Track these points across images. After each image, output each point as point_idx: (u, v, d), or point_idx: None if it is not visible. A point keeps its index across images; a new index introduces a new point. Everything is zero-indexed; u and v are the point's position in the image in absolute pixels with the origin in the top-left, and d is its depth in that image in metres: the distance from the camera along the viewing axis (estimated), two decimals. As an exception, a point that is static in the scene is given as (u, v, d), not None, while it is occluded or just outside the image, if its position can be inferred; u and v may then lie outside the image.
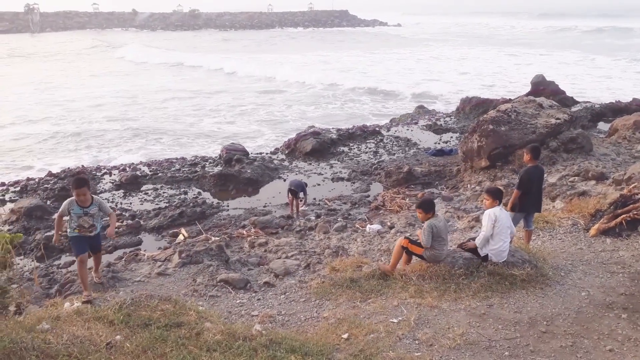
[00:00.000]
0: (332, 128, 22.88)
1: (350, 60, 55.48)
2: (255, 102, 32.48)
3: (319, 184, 16.44)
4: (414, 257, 7.39)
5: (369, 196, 15.19)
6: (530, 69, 43.39)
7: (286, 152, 20.17)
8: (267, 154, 20.17)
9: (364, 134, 22.16)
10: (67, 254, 12.01)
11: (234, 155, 18.07)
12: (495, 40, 78.09)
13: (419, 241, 7.14)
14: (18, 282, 8.05)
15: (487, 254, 7.04)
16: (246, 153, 18.75)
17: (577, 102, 26.09)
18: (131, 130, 24.98)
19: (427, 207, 7.13)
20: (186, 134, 24.54)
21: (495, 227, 6.93)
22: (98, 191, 16.00)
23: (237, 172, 16.67)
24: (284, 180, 17.10)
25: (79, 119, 27.69)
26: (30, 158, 20.73)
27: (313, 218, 13.22)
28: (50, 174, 17.32)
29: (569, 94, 26.80)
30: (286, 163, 18.88)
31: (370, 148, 20.46)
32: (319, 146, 19.72)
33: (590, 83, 37.40)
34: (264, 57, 58.51)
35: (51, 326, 5.23)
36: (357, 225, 12.21)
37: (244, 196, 15.84)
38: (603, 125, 22.39)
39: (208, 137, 24.26)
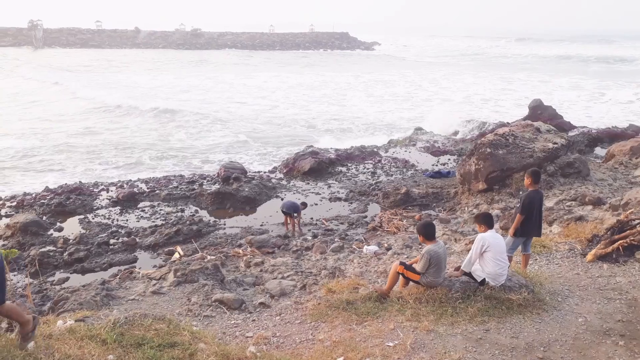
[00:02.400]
0: (331, 148, 22.96)
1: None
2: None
3: (316, 204, 16.43)
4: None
5: (366, 217, 15.18)
6: (517, 94, 44.04)
7: (284, 171, 20.20)
8: (265, 172, 20.20)
9: (362, 154, 22.23)
10: (61, 270, 11.94)
11: (232, 173, 18.08)
12: (493, 63, 78.89)
13: (414, 266, 7.08)
14: (11, 299, 7.97)
15: (484, 278, 7.02)
16: (244, 172, 18.76)
17: (574, 127, 26.31)
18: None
19: (428, 233, 7.03)
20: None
21: (486, 252, 6.92)
22: (94, 207, 15.97)
23: (234, 191, 16.67)
24: (282, 199, 17.09)
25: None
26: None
27: (310, 238, 13.18)
28: (47, 190, 17.28)
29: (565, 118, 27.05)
30: (284, 182, 18.89)
31: (368, 168, 20.52)
32: (317, 166, 19.76)
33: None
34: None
35: (43, 345, 5.16)
36: (354, 246, 12.18)
37: (241, 215, 15.81)
38: (600, 151, 22.55)
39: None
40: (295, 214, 14.06)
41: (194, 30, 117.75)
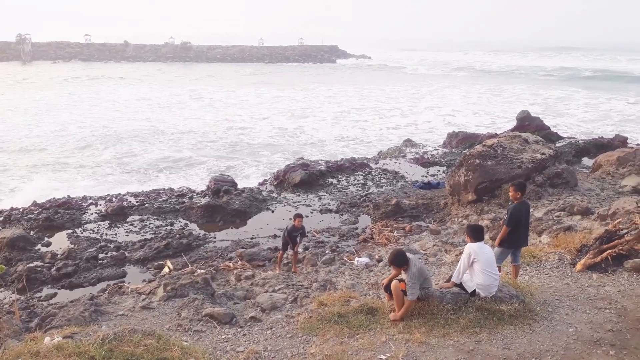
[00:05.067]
0: (321, 160, 23.00)
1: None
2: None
3: (307, 216, 16.39)
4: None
5: (357, 228, 15.18)
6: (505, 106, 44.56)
7: (275, 183, 20.18)
8: (255, 185, 20.16)
9: (353, 166, 22.29)
10: (49, 285, 11.78)
11: (222, 186, 18.03)
12: (480, 76, 79.84)
13: (408, 294, 6.86)
14: (-3, 316, 7.84)
15: (475, 289, 7.03)
16: (234, 184, 18.72)
17: (561, 138, 26.64)
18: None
19: (401, 262, 6.85)
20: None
21: (475, 263, 6.94)
22: (83, 222, 15.81)
23: (224, 204, 16.60)
24: (272, 212, 17.06)
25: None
26: None
27: (301, 250, 13.13)
28: (35, 204, 17.10)
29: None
30: (275, 194, 18.86)
31: (358, 180, 20.56)
32: (307, 178, 19.77)
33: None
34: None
35: (30, 362, 5.07)
36: (345, 258, 12.15)
37: (232, 228, 15.73)
38: (587, 161, 22.81)
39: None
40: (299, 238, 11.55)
41: (183, 44, 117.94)
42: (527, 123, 27.08)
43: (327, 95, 53.39)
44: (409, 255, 7.09)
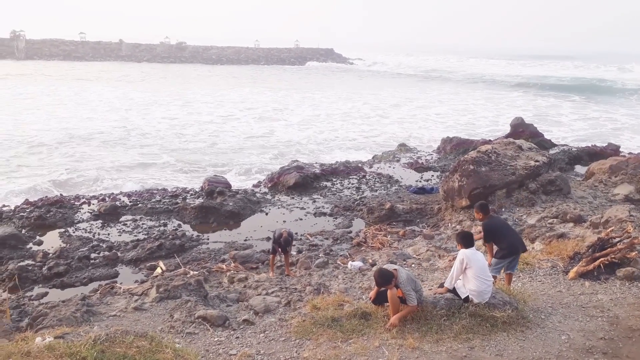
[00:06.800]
0: (316, 163, 23.00)
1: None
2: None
3: (301, 219, 16.40)
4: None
5: (351, 232, 15.18)
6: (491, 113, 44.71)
7: (269, 185, 20.15)
8: (249, 187, 20.12)
9: (347, 169, 22.30)
10: (40, 285, 11.69)
11: (216, 187, 17.97)
12: (475, 81, 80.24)
13: (408, 303, 6.90)
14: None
15: (468, 295, 7.05)
16: (228, 186, 18.66)
17: (554, 145, 26.77)
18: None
19: (385, 282, 6.81)
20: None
21: (468, 269, 6.97)
22: (75, 221, 15.70)
23: (218, 205, 16.55)
24: (266, 214, 17.03)
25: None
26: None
27: (294, 253, 13.11)
28: (27, 202, 16.97)
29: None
30: (269, 197, 18.82)
31: (352, 184, 20.57)
32: (302, 180, 19.75)
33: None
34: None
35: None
36: (339, 262, 12.15)
37: (225, 229, 15.68)
38: (580, 169, 22.94)
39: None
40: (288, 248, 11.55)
41: (178, 44, 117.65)
42: (521, 130, 27.20)
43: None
44: (390, 266, 7.17)
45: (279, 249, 11.42)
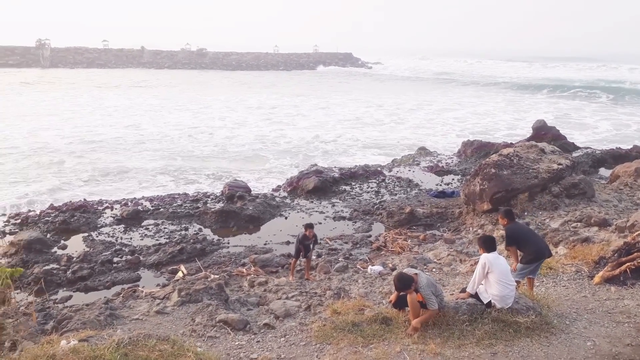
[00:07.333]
0: (335, 167, 23.00)
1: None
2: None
3: (320, 223, 16.39)
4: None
5: (370, 236, 15.12)
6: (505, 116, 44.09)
7: (288, 189, 20.21)
8: (269, 192, 20.21)
9: (366, 173, 22.25)
10: (65, 288, 11.90)
11: (236, 192, 18.11)
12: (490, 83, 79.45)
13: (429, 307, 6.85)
14: (13, 317, 7.93)
15: (490, 300, 6.96)
16: (248, 190, 18.78)
17: (578, 148, 26.32)
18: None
19: (405, 284, 6.79)
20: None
21: (490, 273, 6.87)
22: (99, 225, 15.97)
23: (238, 209, 16.66)
24: (286, 218, 17.07)
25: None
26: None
27: (314, 257, 13.12)
28: (52, 207, 17.32)
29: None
30: (288, 201, 18.88)
31: (372, 188, 20.50)
32: (321, 185, 19.77)
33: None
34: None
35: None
36: (359, 266, 12.11)
37: (245, 233, 15.77)
38: (604, 172, 22.50)
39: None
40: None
41: (199, 50, 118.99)
42: (543, 132, 26.83)
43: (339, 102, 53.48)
44: (410, 270, 7.11)
45: (303, 251, 11.38)
